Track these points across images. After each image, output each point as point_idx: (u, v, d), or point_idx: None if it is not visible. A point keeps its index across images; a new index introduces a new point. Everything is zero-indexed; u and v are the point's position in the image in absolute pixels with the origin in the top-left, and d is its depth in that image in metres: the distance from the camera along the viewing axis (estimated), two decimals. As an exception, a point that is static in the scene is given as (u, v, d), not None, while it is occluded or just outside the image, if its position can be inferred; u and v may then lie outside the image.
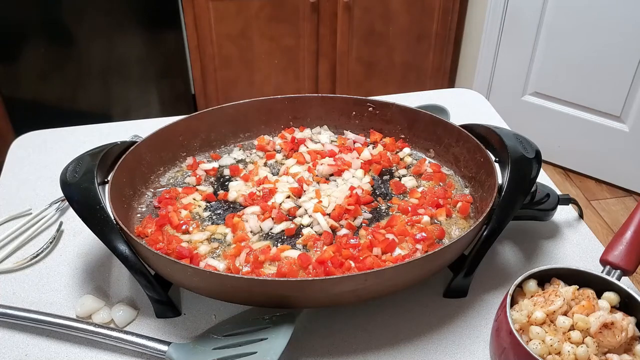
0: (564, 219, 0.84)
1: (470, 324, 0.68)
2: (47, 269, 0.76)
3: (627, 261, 0.64)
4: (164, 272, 0.66)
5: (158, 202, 0.80)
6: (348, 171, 0.86)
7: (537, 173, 0.72)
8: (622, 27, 2.10)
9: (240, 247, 0.71)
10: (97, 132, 1.06)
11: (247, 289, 0.61)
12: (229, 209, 0.80)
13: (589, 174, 2.50)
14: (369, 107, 0.93)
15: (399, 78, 2.57)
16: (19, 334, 0.67)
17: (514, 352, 0.55)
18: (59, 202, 0.86)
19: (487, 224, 0.68)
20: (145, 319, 0.69)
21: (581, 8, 2.16)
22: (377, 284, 0.61)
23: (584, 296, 0.60)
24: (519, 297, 0.61)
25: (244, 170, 0.88)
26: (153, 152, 0.84)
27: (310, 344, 0.65)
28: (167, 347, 0.62)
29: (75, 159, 0.75)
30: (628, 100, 2.24)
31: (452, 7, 2.42)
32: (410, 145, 0.92)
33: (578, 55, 2.25)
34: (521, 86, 2.44)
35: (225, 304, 0.69)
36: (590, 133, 2.39)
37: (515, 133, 0.78)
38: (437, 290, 0.72)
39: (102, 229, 0.66)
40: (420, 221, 0.75)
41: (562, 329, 0.57)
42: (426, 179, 0.85)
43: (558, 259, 0.77)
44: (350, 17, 2.35)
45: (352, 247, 0.70)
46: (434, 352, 0.65)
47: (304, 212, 0.78)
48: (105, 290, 0.73)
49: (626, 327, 0.56)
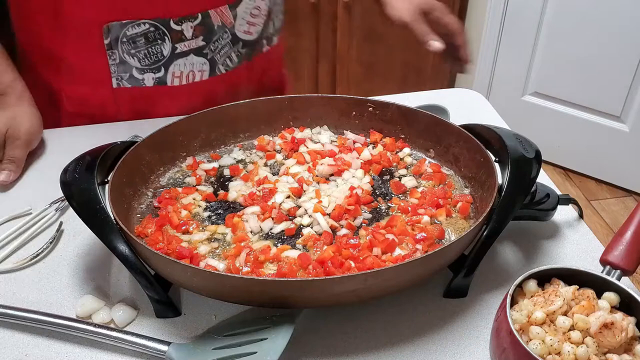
0: (564, 219, 0.84)
1: (470, 324, 0.68)
2: (47, 269, 0.76)
3: (627, 261, 0.64)
4: (164, 272, 0.66)
5: (158, 202, 0.80)
6: (348, 171, 0.86)
7: (537, 173, 0.72)
8: (622, 27, 2.10)
9: (240, 247, 0.71)
10: (97, 132, 1.06)
11: (247, 289, 0.61)
12: (229, 209, 0.80)
13: (589, 174, 2.51)
14: (369, 107, 0.93)
15: (399, 78, 2.57)
16: (19, 334, 0.67)
17: (514, 352, 0.55)
18: (59, 202, 0.86)
19: (487, 224, 0.68)
20: (145, 319, 0.68)
21: (581, 8, 2.17)
22: (377, 284, 0.61)
23: (584, 296, 0.60)
24: (519, 297, 0.61)
25: (244, 170, 0.88)
26: (153, 152, 0.84)
27: (310, 344, 0.65)
28: (167, 347, 0.62)
29: (75, 159, 0.75)
30: (628, 100, 2.24)
31: (452, 7, 2.42)
32: (410, 145, 0.92)
33: (578, 55, 2.25)
34: (521, 86, 2.44)
35: (225, 304, 0.69)
36: (590, 133, 2.39)
37: (515, 133, 0.79)
38: (437, 290, 0.72)
39: (102, 229, 0.66)
40: (420, 221, 0.75)
41: (562, 329, 0.57)
42: (426, 179, 0.85)
43: (558, 259, 0.77)
44: (350, 17, 2.35)
45: (352, 247, 0.70)
46: (434, 352, 0.65)
47: (304, 212, 0.78)
48: (105, 290, 0.73)
49: (626, 327, 0.56)
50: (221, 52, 1.03)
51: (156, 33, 0.96)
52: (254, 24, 1.04)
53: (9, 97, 0.95)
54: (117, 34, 0.94)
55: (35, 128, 0.96)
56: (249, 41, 1.06)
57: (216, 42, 1.01)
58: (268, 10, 1.06)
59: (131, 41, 0.95)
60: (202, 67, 1.03)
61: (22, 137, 0.93)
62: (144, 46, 0.96)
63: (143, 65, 0.98)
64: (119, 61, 0.97)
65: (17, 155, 0.92)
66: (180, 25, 0.97)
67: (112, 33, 0.94)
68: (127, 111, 1.04)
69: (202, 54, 1.02)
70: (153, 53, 0.98)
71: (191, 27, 0.98)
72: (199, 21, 0.98)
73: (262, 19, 1.05)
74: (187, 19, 0.97)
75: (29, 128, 0.94)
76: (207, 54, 1.02)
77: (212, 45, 1.01)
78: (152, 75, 1.00)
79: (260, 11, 1.03)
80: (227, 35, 1.02)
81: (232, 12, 1.00)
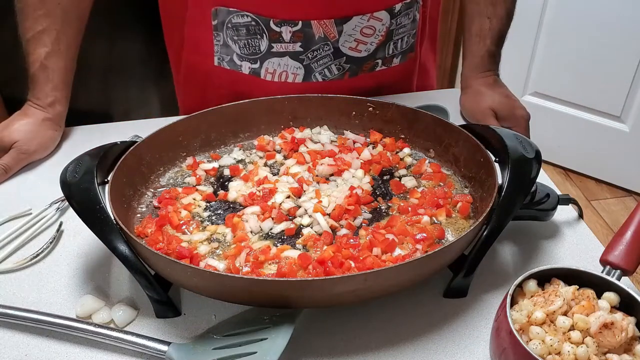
0: (564, 219, 0.84)
1: (470, 324, 0.68)
2: (47, 269, 0.76)
3: (627, 261, 0.64)
4: (164, 272, 0.66)
5: (158, 202, 0.80)
6: (348, 171, 0.86)
7: (537, 173, 0.72)
8: (622, 27, 2.10)
9: (240, 247, 0.71)
10: (97, 132, 1.06)
11: (247, 289, 0.61)
12: (229, 209, 0.80)
13: (589, 174, 2.50)
14: (369, 107, 0.93)
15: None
16: (19, 334, 0.67)
17: (514, 352, 0.55)
18: (59, 202, 0.86)
19: (487, 224, 0.68)
20: (145, 319, 0.68)
21: (581, 8, 2.16)
22: (377, 284, 0.61)
23: (584, 296, 0.60)
24: (519, 297, 0.61)
25: (244, 170, 0.88)
26: (153, 152, 0.84)
27: (310, 344, 0.65)
28: (167, 347, 0.62)
29: (75, 159, 0.75)
30: (628, 100, 2.24)
31: (452, 7, 2.42)
32: (410, 145, 0.92)
33: (578, 55, 2.25)
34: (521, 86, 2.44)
35: (225, 304, 0.69)
36: (590, 133, 2.39)
37: (515, 133, 0.78)
38: (437, 290, 0.71)
39: (102, 229, 0.66)
40: (420, 221, 0.75)
41: (562, 329, 0.57)
42: (426, 179, 0.85)
43: (558, 259, 0.77)
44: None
45: (352, 247, 0.70)
46: (434, 352, 0.65)
47: (304, 212, 0.78)
48: (105, 290, 0.73)
49: (626, 327, 0.56)
50: (319, 62, 1.03)
51: (257, 28, 0.99)
52: (364, 42, 1.01)
53: (41, 112, 0.98)
54: (224, 19, 1.00)
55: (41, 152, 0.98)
56: (355, 57, 1.04)
57: (315, 51, 1.01)
58: (386, 32, 1.02)
59: (234, 28, 1.00)
60: (297, 71, 1.04)
61: (26, 154, 0.95)
62: (245, 37, 1.00)
63: (242, 54, 1.02)
64: (222, 43, 1.03)
65: (10, 165, 0.93)
66: (279, 27, 0.98)
67: (219, 17, 1.00)
68: (226, 90, 1.07)
69: (298, 59, 1.02)
70: (252, 45, 1.01)
71: (290, 32, 0.99)
72: (299, 28, 0.98)
73: (377, 39, 1.02)
74: (288, 23, 0.98)
75: (37, 148, 0.97)
76: (303, 60, 1.02)
77: (310, 53, 1.01)
78: (249, 65, 1.04)
79: (374, 31, 1.01)
80: (329, 47, 1.01)
81: (338, 27, 0.99)
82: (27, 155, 0.95)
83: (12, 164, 0.93)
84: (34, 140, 0.96)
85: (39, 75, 0.98)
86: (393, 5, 1.01)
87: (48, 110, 0.99)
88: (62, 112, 1.02)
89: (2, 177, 0.92)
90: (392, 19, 1.02)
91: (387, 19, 1.01)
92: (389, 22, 1.02)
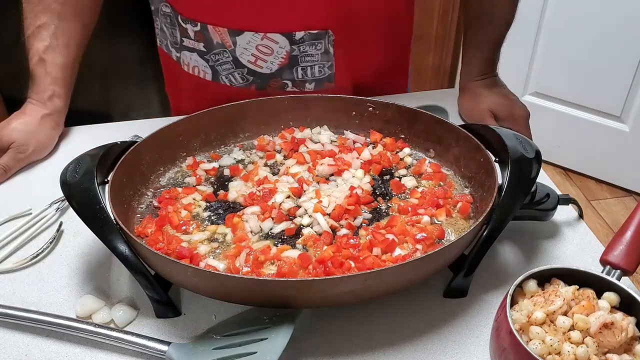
0: (564, 219, 0.84)
1: (470, 324, 0.68)
2: (47, 269, 0.76)
3: (627, 261, 0.64)
4: (164, 272, 0.66)
5: (158, 202, 0.80)
6: (348, 171, 0.86)
7: (537, 173, 0.72)
8: (622, 27, 2.10)
9: (240, 247, 0.71)
10: (97, 132, 1.06)
11: (247, 289, 0.61)
12: (229, 209, 0.80)
13: (589, 174, 2.50)
14: (369, 107, 0.93)
15: (399, 78, 2.57)
16: (19, 334, 0.67)
17: (514, 352, 0.55)
18: (59, 202, 0.86)
19: (487, 224, 0.68)
20: (145, 319, 0.68)
21: (581, 8, 2.16)
22: (377, 284, 0.61)
23: (584, 296, 0.60)
24: (519, 297, 0.61)
25: (244, 170, 0.88)
26: (153, 152, 0.84)
27: (310, 344, 0.65)
28: (167, 347, 0.62)
29: (75, 159, 0.75)
30: (628, 100, 2.24)
31: (452, 7, 2.42)
32: (410, 145, 0.92)
33: (578, 55, 2.25)
34: (521, 86, 2.44)
35: (225, 304, 0.69)
36: (590, 133, 2.39)
37: (515, 133, 0.78)
38: (437, 290, 0.71)
39: (102, 229, 0.66)
40: (420, 221, 0.75)
41: (562, 329, 0.57)
42: (426, 179, 0.85)
43: (558, 259, 0.77)
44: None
45: (352, 247, 0.70)
46: (434, 352, 0.65)
47: (304, 212, 0.78)
48: (105, 290, 0.73)
49: (626, 327, 0.56)
50: (223, 67, 1.04)
51: (173, 20, 1.04)
52: (263, 59, 1.01)
53: (40, 109, 0.98)
54: (157, 5, 1.07)
55: (40, 152, 0.98)
56: (258, 72, 1.04)
57: (217, 55, 1.03)
58: (287, 56, 1.01)
59: (163, 16, 1.07)
60: (205, 69, 1.06)
61: (24, 154, 0.95)
62: (170, 26, 1.07)
63: (170, 42, 1.10)
64: (159, 28, 1.12)
65: (9, 165, 0.93)
66: (185, 24, 1.02)
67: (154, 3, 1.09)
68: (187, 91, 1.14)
69: (204, 58, 1.05)
70: (173, 35, 1.07)
71: (193, 31, 1.01)
72: (199, 29, 1.01)
73: (277, 60, 1.01)
74: (190, 22, 1.01)
75: (36, 148, 0.96)
76: (208, 60, 1.05)
77: (213, 56, 1.03)
78: (175, 53, 1.10)
79: (272, 52, 1.00)
80: (228, 55, 1.02)
81: (232, 37, 1.00)
82: (25, 156, 0.95)
83: (11, 164, 0.93)
84: (32, 140, 0.95)
85: (37, 70, 0.99)
86: (292, 32, 0.99)
87: (47, 105, 0.98)
88: (62, 109, 1.02)
89: (2, 178, 0.92)
90: (293, 44, 1.00)
91: (285, 43, 1.00)
92: (289, 47, 1.00)
